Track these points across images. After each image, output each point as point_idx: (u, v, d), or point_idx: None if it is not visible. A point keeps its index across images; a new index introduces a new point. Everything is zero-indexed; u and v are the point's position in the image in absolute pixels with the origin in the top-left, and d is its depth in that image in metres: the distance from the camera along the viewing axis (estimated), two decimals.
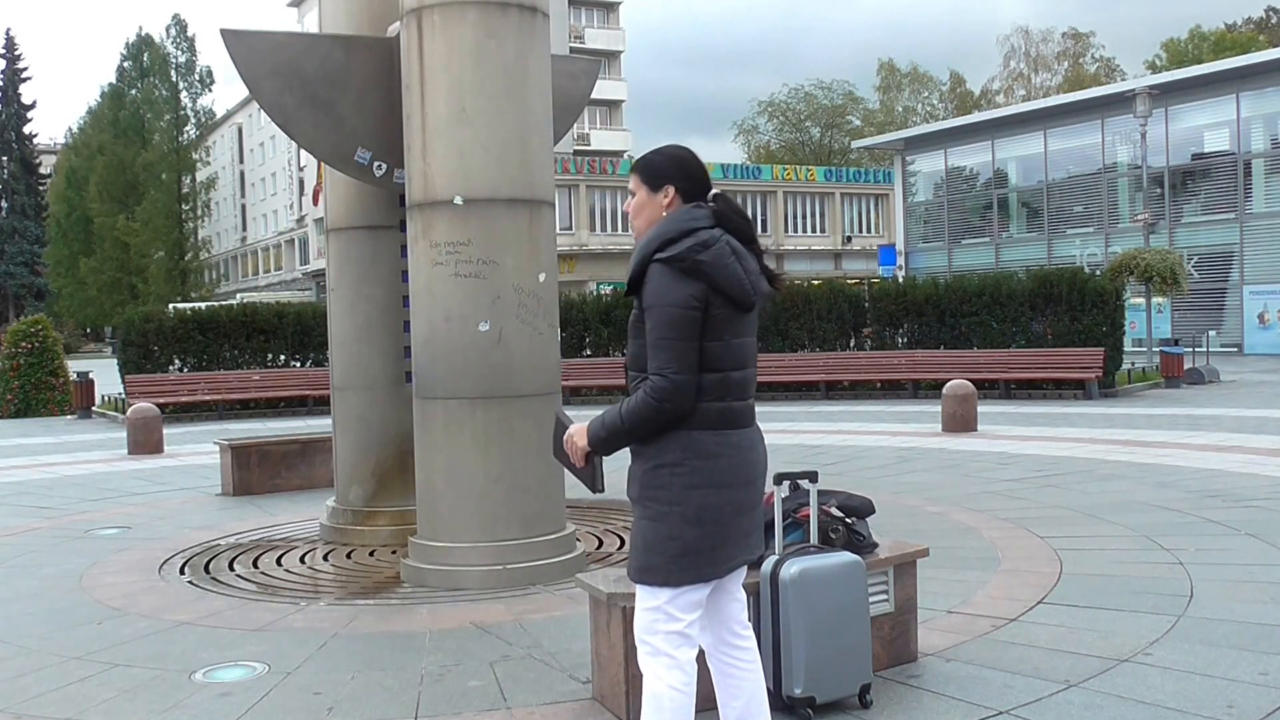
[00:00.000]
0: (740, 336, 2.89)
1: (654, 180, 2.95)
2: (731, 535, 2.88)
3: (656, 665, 2.89)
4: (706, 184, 2.96)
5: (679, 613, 2.87)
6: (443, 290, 5.79)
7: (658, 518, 2.85)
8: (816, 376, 19.17)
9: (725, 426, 2.86)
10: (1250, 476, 8.70)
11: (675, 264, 2.78)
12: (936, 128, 39.14)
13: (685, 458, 2.82)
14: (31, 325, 20.81)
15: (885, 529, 4.73)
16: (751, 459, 2.93)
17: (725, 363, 2.85)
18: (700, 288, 2.78)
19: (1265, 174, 28.82)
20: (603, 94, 53.54)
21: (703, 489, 2.82)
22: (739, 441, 2.89)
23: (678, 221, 2.86)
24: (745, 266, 2.87)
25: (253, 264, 75.57)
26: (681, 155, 2.99)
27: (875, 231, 53.96)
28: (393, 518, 7.14)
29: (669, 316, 2.77)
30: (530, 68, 5.93)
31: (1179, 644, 4.47)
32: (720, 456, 2.84)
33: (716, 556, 2.86)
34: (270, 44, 6.67)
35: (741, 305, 2.85)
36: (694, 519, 2.82)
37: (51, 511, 8.95)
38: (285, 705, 4.13)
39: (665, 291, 2.78)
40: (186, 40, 67.88)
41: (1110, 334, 17.92)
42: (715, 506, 2.83)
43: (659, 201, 2.94)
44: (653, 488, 2.86)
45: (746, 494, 2.91)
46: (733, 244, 2.86)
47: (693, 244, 2.79)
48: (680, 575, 2.83)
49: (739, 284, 2.83)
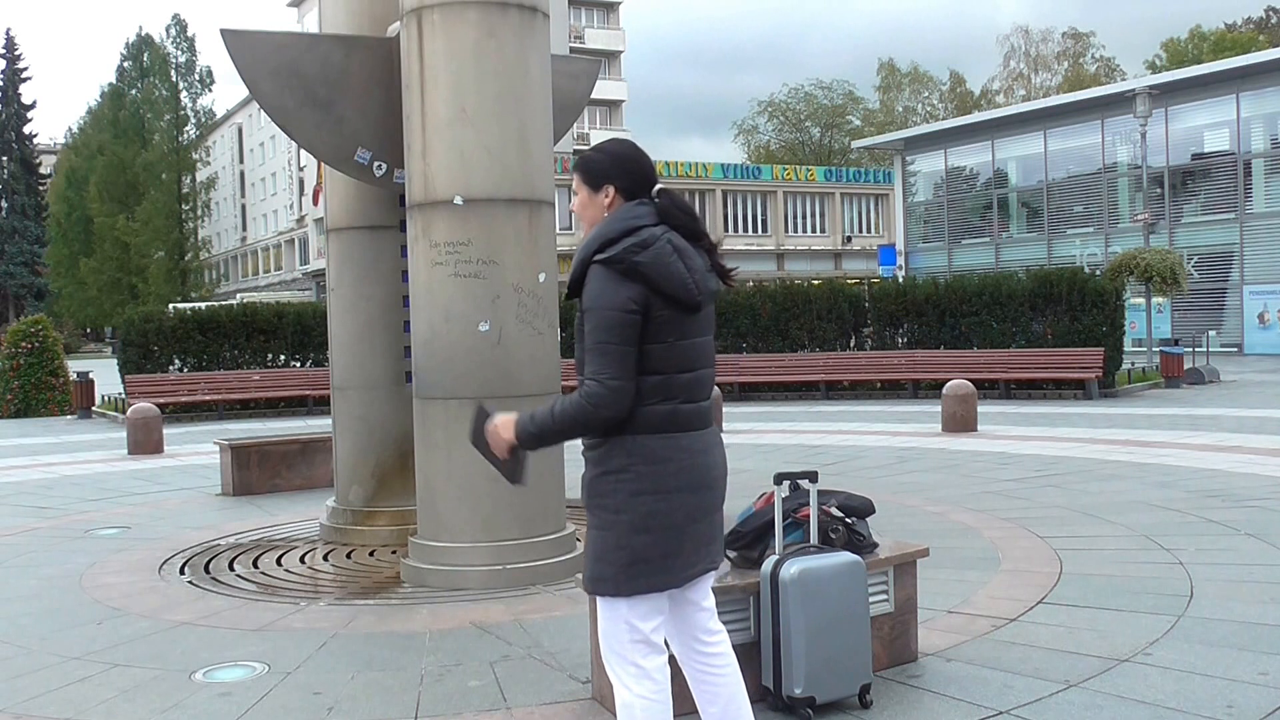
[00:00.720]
0: (687, 338, 2.77)
1: (593, 180, 2.87)
2: (686, 543, 2.78)
3: (623, 675, 2.81)
4: (649, 180, 2.86)
5: (639, 622, 2.78)
6: (443, 290, 5.79)
7: (606, 526, 2.76)
8: (816, 376, 19.17)
9: (673, 429, 2.75)
10: (1250, 476, 8.70)
11: (613, 265, 2.69)
12: (936, 128, 39.15)
13: (631, 463, 2.73)
14: (31, 325, 20.81)
15: (885, 529, 4.73)
16: (705, 462, 2.81)
17: (669, 365, 2.74)
18: (639, 290, 2.69)
19: (1265, 174, 28.83)
20: (603, 94, 53.53)
21: (650, 495, 2.72)
22: (689, 445, 2.78)
23: (618, 221, 2.77)
24: (689, 265, 2.76)
25: (253, 264, 75.58)
26: (621, 152, 2.89)
27: (875, 231, 53.99)
28: (393, 518, 7.14)
29: (606, 320, 2.68)
30: (530, 68, 5.93)
31: (1179, 644, 4.47)
32: (668, 461, 2.74)
33: (670, 565, 2.76)
34: (270, 44, 6.67)
35: (686, 306, 2.75)
36: (642, 526, 2.72)
37: (51, 511, 8.95)
38: (285, 705, 4.13)
39: (602, 294, 2.69)
40: (186, 40, 67.91)
41: (1110, 334, 17.93)
42: (664, 513, 2.73)
43: (600, 201, 2.86)
44: (599, 495, 2.77)
45: (700, 499, 2.80)
46: (676, 242, 2.76)
47: (631, 244, 2.70)
48: (631, 585, 2.74)
49: (681, 284, 2.73)
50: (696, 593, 2.96)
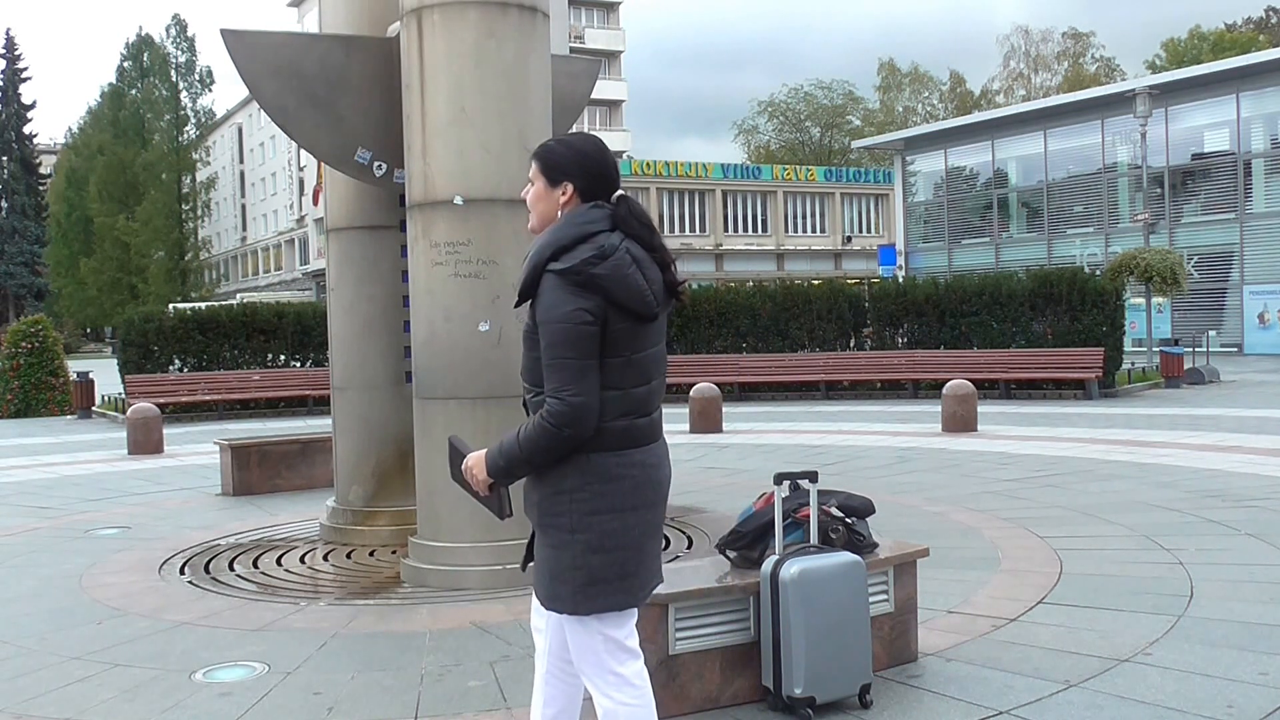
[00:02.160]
0: (642, 350, 2.67)
1: (552, 173, 2.74)
2: (645, 560, 2.72)
3: (601, 684, 2.74)
4: (611, 183, 2.74)
5: (612, 631, 2.73)
6: (443, 290, 5.79)
7: (560, 545, 2.67)
8: (816, 376, 19.16)
9: (628, 446, 2.66)
10: (1250, 476, 8.70)
11: (569, 276, 2.57)
12: (936, 128, 39.15)
13: (585, 482, 2.63)
14: (31, 325, 20.80)
15: (885, 529, 4.73)
16: (657, 477, 2.73)
17: (626, 380, 2.64)
18: (596, 302, 2.57)
19: (1265, 174, 28.83)
20: (603, 94, 53.51)
21: (605, 514, 2.64)
22: (643, 460, 2.69)
23: (573, 225, 2.65)
24: (647, 275, 2.65)
25: (253, 264, 75.58)
26: (585, 149, 2.75)
27: (875, 231, 54.01)
28: (393, 518, 7.14)
29: (563, 334, 2.57)
30: (530, 68, 5.93)
31: (1179, 644, 4.47)
32: (623, 479, 2.65)
33: (629, 585, 2.69)
34: (270, 44, 6.67)
35: (642, 317, 2.64)
36: (598, 546, 2.64)
37: (51, 511, 8.95)
38: (285, 705, 4.13)
39: (558, 306, 2.57)
40: (186, 40, 67.95)
41: (1110, 334, 17.92)
42: (619, 531, 2.65)
43: (556, 197, 2.73)
44: (552, 515, 2.67)
45: (655, 514, 2.73)
46: (634, 252, 2.64)
47: (589, 255, 2.58)
48: (589, 605, 2.66)
49: (639, 296, 2.62)
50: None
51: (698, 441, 12.63)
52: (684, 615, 3.85)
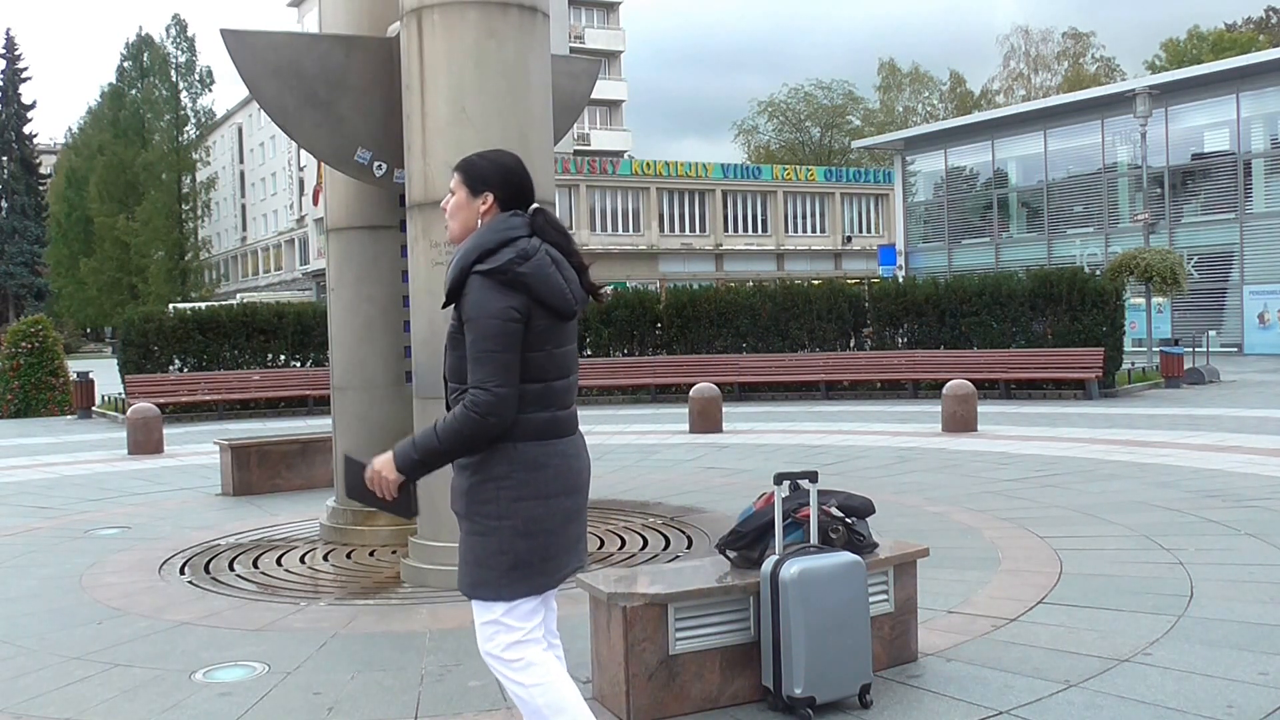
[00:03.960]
0: (562, 345, 2.87)
1: (474, 184, 2.92)
2: (562, 544, 2.88)
3: (509, 671, 2.88)
4: (528, 196, 2.94)
5: (516, 623, 2.86)
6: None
7: (487, 532, 2.83)
8: (816, 376, 19.16)
9: (551, 436, 2.84)
10: (1250, 476, 8.70)
11: (496, 275, 2.75)
12: (936, 128, 39.13)
13: (512, 470, 2.80)
14: (31, 325, 20.80)
15: (885, 529, 4.73)
16: (576, 466, 2.92)
17: (549, 373, 2.83)
18: (521, 299, 2.76)
19: (1265, 174, 28.82)
20: (603, 94, 53.56)
21: (530, 500, 2.81)
22: (564, 450, 2.87)
23: (495, 231, 2.83)
24: (565, 276, 2.85)
25: (253, 264, 75.58)
26: (506, 163, 2.95)
27: (875, 231, 54.01)
28: (393, 518, 7.12)
29: (490, 329, 2.73)
30: (530, 68, 5.93)
31: (1179, 644, 4.47)
32: (546, 467, 2.82)
33: (548, 567, 2.86)
34: (270, 44, 6.67)
35: (562, 315, 2.84)
36: (523, 531, 2.81)
37: (51, 511, 8.95)
38: (285, 705, 4.13)
39: (485, 303, 2.75)
40: (186, 40, 67.96)
41: (1110, 334, 17.92)
42: (543, 517, 2.82)
43: (476, 207, 2.91)
44: (479, 502, 2.84)
45: (573, 501, 2.90)
46: (552, 254, 2.85)
47: (513, 255, 2.77)
48: (514, 589, 2.82)
49: (560, 294, 2.82)
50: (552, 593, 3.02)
51: (698, 441, 12.62)
52: (684, 615, 3.85)
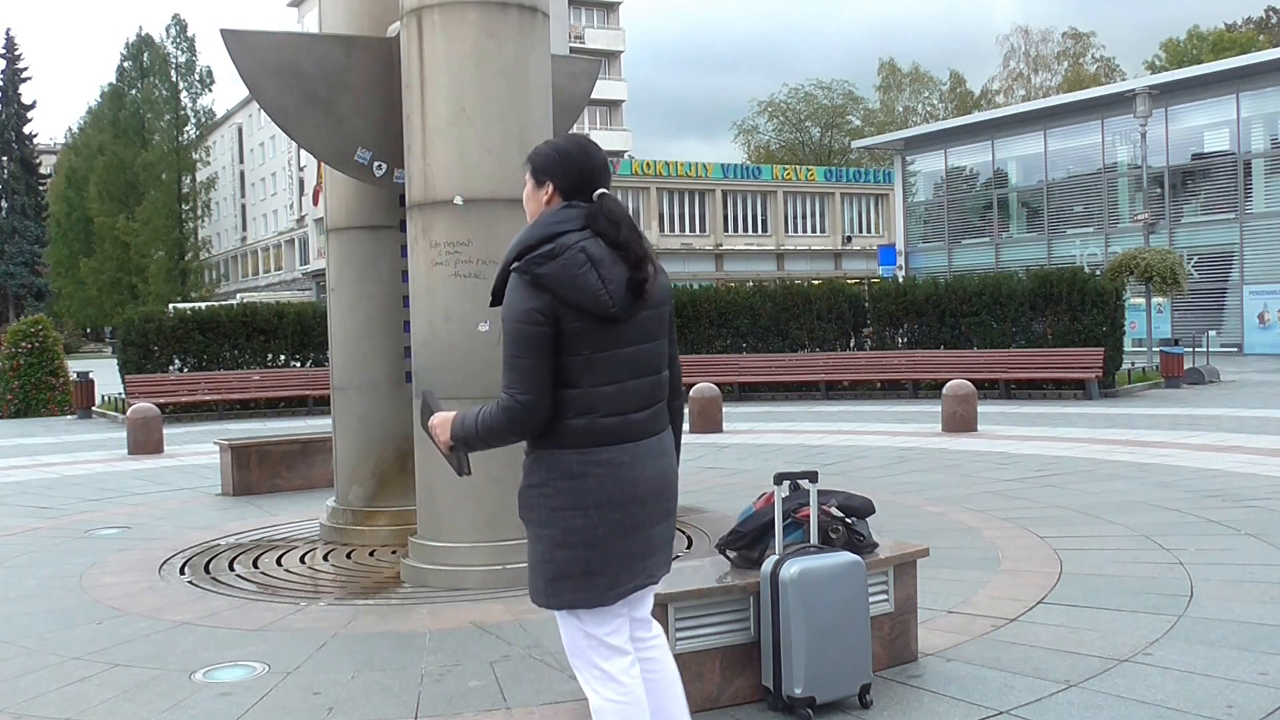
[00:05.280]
0: (606, 350, 2.65)
1: (537, 174, 2.81)
2: (613, 560, 2.69)
3: (589, 679, 2.79)
4: (592, 181, 2.74)
5: (592, 628, 2.75)
6: (443, 290, 5.79)
7: (534, 540, 2.76)
8: (816, 376, 19.16)
9: (591, 444, 2.66)
10: (1250, 476, 8.70)
11: (522, 276, 2.63)
12: (936, 128, 39.13)
13: (549, 478, 2.69)
14: (31, 325, 20.80)
15: (885, 529, 4.73)
16: (631, 476, 2.69)
17: (585, 379, 2.64)
18: (546, 301, 2.60)
19: (1265, 174, 28.82)
20: (603, 94, 53.52)
21: (568, 511, 2.66)
22: (611, 459, 2.67)
23: (542, 226, 2.69)
24: (603, 275, 2.62)
25: (253, 264, 75.57)
26: (566, 149, 2.79)
27: (875, 231, 54.02)
28: (393, 518, 7.14)
29: (514, 333, 2.62)
30: (530, 68, 5.93)
31: (1179, 644, 4.47)
32: (586, 476, 2.66)
33: (595, 583, 2.68)
34: (270, 44, 6.67)
35: (597, 317, 2.62)
36: (562, 542, 2.68)
37: (51, 511, 8.95)
38: (285, 705, 4.13)
39: (512, 304, 2.64)
40: (186, 40, 67.93)
41: (1110, 334, 17.92)
42: (583, 529, 2.66)
43: (540, 196, 2.79)
44: (526, 509, 2.76)
45: (627, 514, 2.69)
46: (591, 251, 2.63)
47: (537, 254, 2.62)
48: (557, 600, 2.72)
49: (590, 296, 2.60)
50: (634, 609, 2.87)
51: (698, 441, 12.63)
52: (684, 615, 3.85)
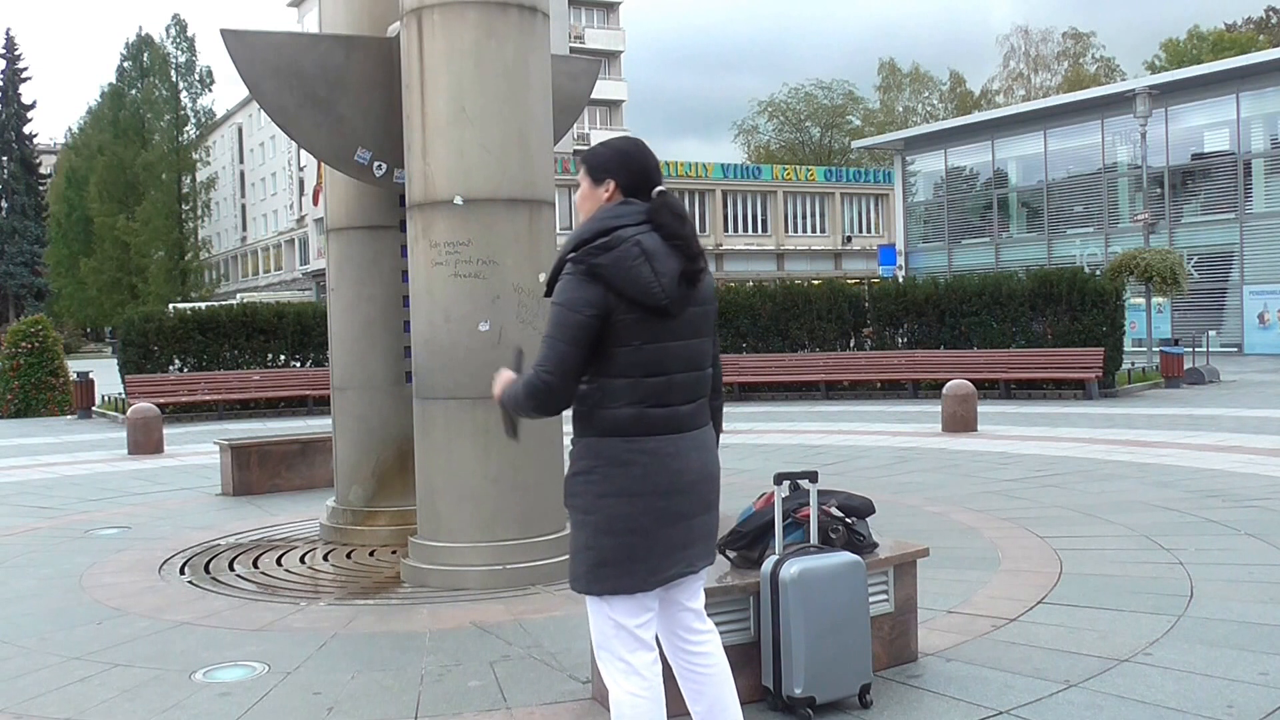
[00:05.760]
0: (656, 342, 2.74)
1: (595, 173, 2.89)
2: (656, 547, 2.77)
3: (612, 671, 2.83)
4: (651, 179, 2.87)
5: (623, 618, 2.79)
6: (443, 290, 5.79)
7: (577, 525, 2.82)
8: (816, 376, 19.16)
9: (638, 433, 2.74)
10: (1250, 476, 8.70)
11: (576, 267, 2.73)
12: (936, 128, 39.12)
13: (596, 465, 2.76)
14: (31, 325, 20.79)
15: (885, 529, 4.73)
16: (676, 467, 2.78)
17: (635, 369, 2.73)
18: (598, 292, 2.69)
19: (1265, 174, 28.81)
20: (603, 94, 53.52)
21: (613, 498, 2.74)
22: (657, 449, 2.75)
23: (599, 220, 2.79)
24: (656, 268, 2.71)
25: (253, 264, 75.57)
26: (625, 148, 2.91)
27: (875, 231, 54.01)
28: (393, 518, 7.14)
29: (558, 316, 2.72)
30: (530, 68, 5.93)
31: (1179, 644, 4.47)
32: (632, 464, 2.73)
33: (636, 569, 2.75)
34: (270, 44, 6.67)
35: (650, 309, 2.72)
36: (606, 528, 2.74)
37: (51, 511, 8.95)
38: (285, 705, 4.13)
39: (563, 290, 2.73)
40: (186, 40, 67.91)
41: (1110, 334, 17.92)
42: (629, 516, 2.73)
43: (600, 195, 2.88)
44: (571, 495, 2.83)
45: (671, 503, 2.77)
46: (647, 245, 2.72)
47: (593, 246, 2.72)
48: (598, 585, 2.77)
49: (643, 288, 2.69)
50: (682, 593, 2.95)
51: None
52: None
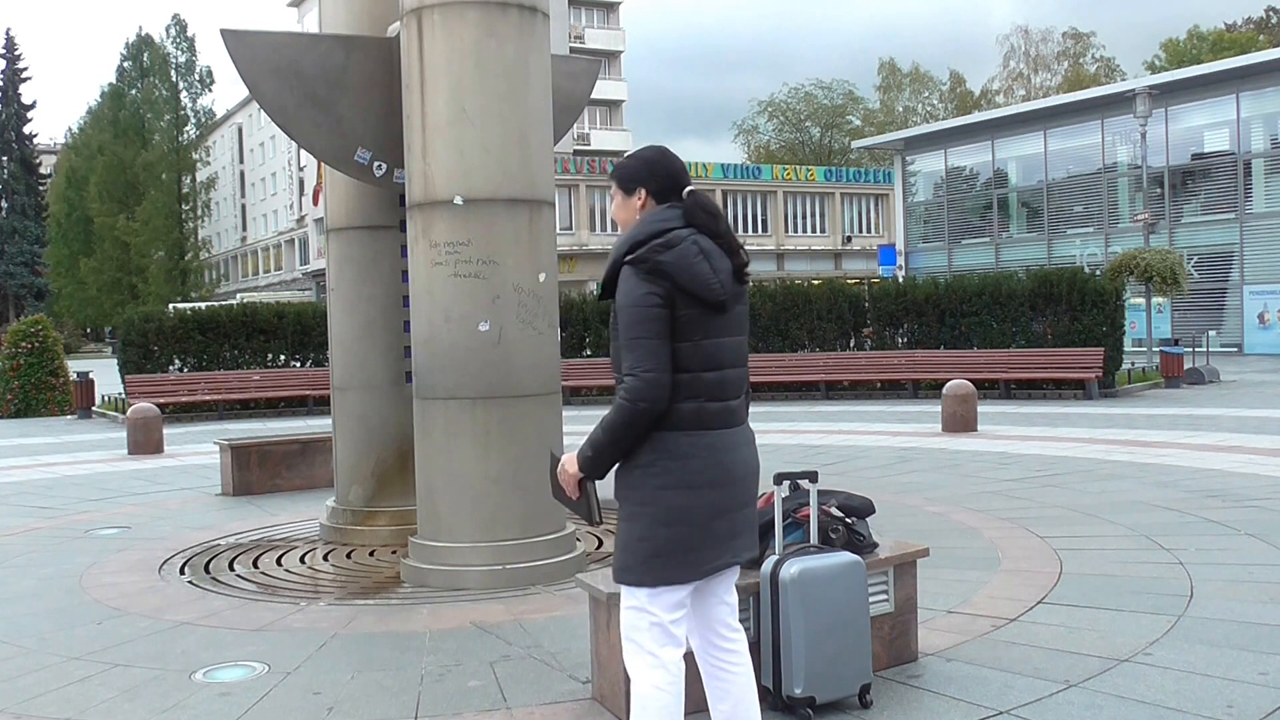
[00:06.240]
0: (713, 337, 2.88)
1: (627, 184, 3.01)
2: (707, 538, 2.87)
3: (640, 664, 2.89)
4: (680, 182, 2.98)
5: (659, 611, 2.87)
6: (443, 290, 5.79)
7: (631, 518, 2.88)
8: (816, 376, 19.16)
9: (698, 427, 2.85)
10: (1250, 476, 8.70)
11: (640, 265, 2.82)
12: (936, 128, 39.11)
13: (657, 458, 2.83)
14: (31, 325, 20.79)
15: (885, 529, 4.73)
16: (728, 460, 2.90)
17: (695, 363, 2.84)
18: (664, 287, 2.80)
19: (1265, 174, 28.80)
20: (603, 94, 53.53)
21: (673, 490, 2.82)
22: (714, 443, 2.87)
23: (648, 224, 2.90)
24: (714, 265, 2.87)
25: (253, 264, 75.56)
26: (651, 157, 3.02)
27: (875, 231, 53.97)
28: (393, 518, 7.14)
29: (635, 316, 2.80)
30: (530, 68, 5.93)
31: (1179, 644, 4.47)
32: (692, 457, 2.83)
33: (689, 559, 2.85)
34: (270, 44, 6.67)
35: (710, 305, 2.86)
36: (664, 520, 2.82)
37: (51, 511, 8.95)
38: (285, 705, 4.13)
39: (630, 291, 2.82)
40: (186, 40, 67.90)
41: (1110, 334, 17.92)
42: (686, 508, 2.83)
43: (633, 204, 2.99)
44: (626, 488, 2.88)
45: (722, 495, 2.89)
46: (702, 244, 2.87)
47: (657, 244, 2.83)
48: (652, 576, 2.84)
49: (705, 283, 2.83)
50: (720, 586, 3.04)
51: None
52: None
